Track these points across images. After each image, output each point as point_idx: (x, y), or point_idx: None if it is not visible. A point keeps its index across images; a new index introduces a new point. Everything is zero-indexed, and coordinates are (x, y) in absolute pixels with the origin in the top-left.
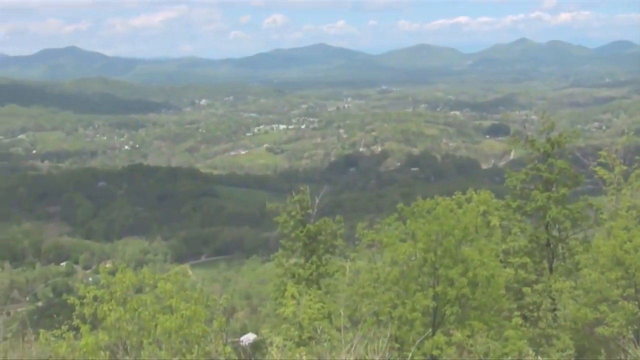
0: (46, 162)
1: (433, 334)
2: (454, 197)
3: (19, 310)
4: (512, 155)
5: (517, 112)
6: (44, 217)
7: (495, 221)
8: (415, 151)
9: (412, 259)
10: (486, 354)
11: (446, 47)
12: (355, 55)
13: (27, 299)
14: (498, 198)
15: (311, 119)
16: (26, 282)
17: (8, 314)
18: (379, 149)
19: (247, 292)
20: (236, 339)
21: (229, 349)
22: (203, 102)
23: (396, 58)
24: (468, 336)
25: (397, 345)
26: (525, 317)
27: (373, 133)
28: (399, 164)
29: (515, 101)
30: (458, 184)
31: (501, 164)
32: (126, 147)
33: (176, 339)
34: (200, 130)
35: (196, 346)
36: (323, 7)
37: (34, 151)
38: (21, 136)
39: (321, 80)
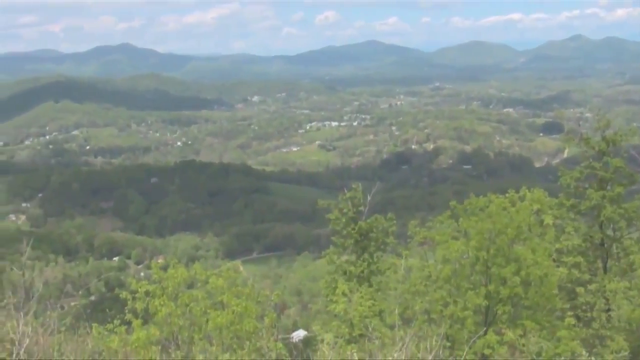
0: (99, 158)
1: (485, 333)
2: (507, 195)
3: (72, 304)
4: (565, 154)
5: (572, 110)
6: (97, 213)
7: (548, 220)
8: (468, 149)
9: (465, 257)
10: (538, 354)
11: (499, 44)
12: (407, 52)
13: (80, 293)
14: (551, 196)
15: (363, 116)
16: (79, 277)
17: (62, 307)
18: (431, 147)
19: (298, 288)
20: (287, 336)
21: (280, 345)
22: (255, 98)
23: (449, 55)
24: (520, 336)
25: (448, 344)
26: (578, 318)
27: (425, 130)
28: (451, 161)
29: (569, 99)
30: (511, 182)
31: (555, 162)
32: (178, 143)
33: (227, 335)
34: (252, 126)
35: (247, 342)
36: (375, 4)
37: (88, 147)
38: (75, 132)
39: (373, 77)
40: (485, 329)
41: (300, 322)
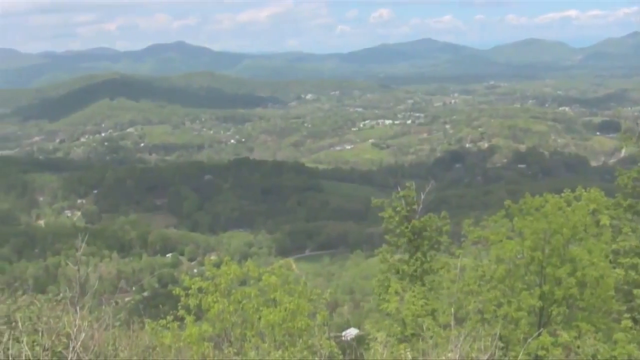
0: (154, 155)
1: (539, 334)
2: (562, 194)
3: (126, 299)
4: (623, 153)
5: (629, 109)
6: (151, 209)
7: (605, 220)
8: (523, 147)
9: (519, 257)
10: (594, 357)
11: (555, 42)
12: (462, 50)
13: (134, 289)
14: (608, 196)
15: (417, 114)
16: (133, 273)
17: (116, 303)
18: (486, 145)
19: (351, 287)
20: (338, 334)
21: (331, 343)
22: (309, 96)
23: (504, 53)
24: (575, 337)
25: (501, 345)
26: (635, 320)
27: (480, 129)
28: (505, 160)
29: (627, 97)
30: (566, 181)
31: (611, 161)
32: (232, 140)
33: (279, 332)
34: (306, 124)
35: (299, 340)
36: (430, 2)
37: (142, 144)
38: (130, 129)
39: (427, 75)
40: (539, 330)
41: (352, 321)
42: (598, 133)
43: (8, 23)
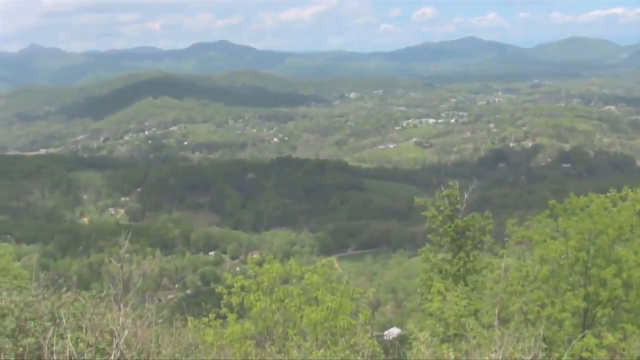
0: (197, 153)
1: (583, 336)
2: (608, 194)
3: (168, 297)
4: None
5: None
6: (194, 207)
7: None
8: (567, 147)
9: (563, 257)
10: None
11: (601, 40)
12: (506, 49)
13: (177, 286)
14: None
15: (461, 113)
16: (175, 271)
17: (159, 300)
18: (530, 144)
19: (393, 286)
20: (380, 333)
21: (374, 342)
22: (352, 95)
23: (548, 51)
24: (620, 339)
25: (545, 346)
26: None
27: (524, 128)
28: (549, 159)
29: None
30: (612, 181)
31: None
32: (275, 139)
33: (321, 331)
34: (349, 123)
35: (341, 339)
36: (473, 0)
37: (186, 142)
38: (173, 128)
39: (471, 74)
40: (584, 331)
41: (394, 320)
42: None
43: (53, 23)
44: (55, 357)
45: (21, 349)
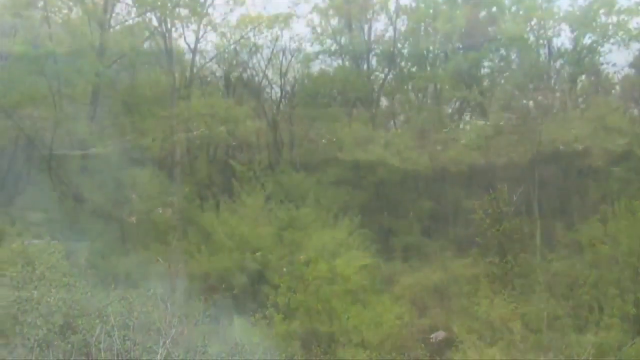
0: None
1: (634, 342)
2: None
3: (215, 296)
4: None
5: None
6: None
7: None
8: (619, 150)
9: (613, 262)
10: None
11: None
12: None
13: (223, 286)
14: None
15: (510, 115)
16: (223, 270)
17: (205, 299)
18: (580, 147)
19: (439, 288)
20: (426, 336)
21: (420, 344)
22: None
23: None
24: None
25: (593, 351)
26: None
27: (573, 131)
28: (600, 162)
29: None
30: None
31: None
32: (323, 140)
33: (367, 332)
34: None
35: (387, 340)
36: None
37: (235, 143)
38: (222, 127)
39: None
40: (634, 338)
41: (440, 323)
42: None
43: None
44: (102, 354)
45: (69, 345)
